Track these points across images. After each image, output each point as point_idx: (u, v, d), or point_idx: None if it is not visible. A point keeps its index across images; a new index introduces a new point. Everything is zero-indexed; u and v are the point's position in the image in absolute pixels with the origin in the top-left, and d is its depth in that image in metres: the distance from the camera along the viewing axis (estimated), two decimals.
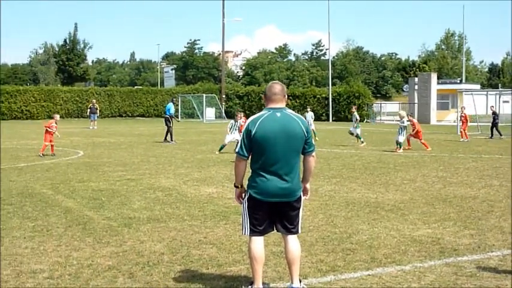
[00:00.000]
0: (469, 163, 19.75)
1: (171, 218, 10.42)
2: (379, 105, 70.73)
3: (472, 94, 45.66)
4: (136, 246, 8.39)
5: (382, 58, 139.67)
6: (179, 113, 67.36)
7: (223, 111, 67.29)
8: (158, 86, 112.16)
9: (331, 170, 17.73)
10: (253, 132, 6.15)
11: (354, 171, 17.48)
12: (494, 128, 34.36)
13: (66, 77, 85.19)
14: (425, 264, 7.50)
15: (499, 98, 47.13)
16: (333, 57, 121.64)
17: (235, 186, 6.51)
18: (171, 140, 29.21)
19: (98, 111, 49.86)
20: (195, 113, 67.43)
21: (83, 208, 11.39)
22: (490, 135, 34.15)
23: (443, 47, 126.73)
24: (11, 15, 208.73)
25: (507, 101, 57.03)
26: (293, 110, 6.46)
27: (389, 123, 57.35)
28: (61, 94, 65.20)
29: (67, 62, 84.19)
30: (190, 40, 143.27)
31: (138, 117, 67.47)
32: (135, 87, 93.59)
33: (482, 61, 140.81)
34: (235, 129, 22.99)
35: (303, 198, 6.46)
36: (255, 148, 6.22)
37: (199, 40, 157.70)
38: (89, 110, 48.29)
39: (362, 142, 27.44)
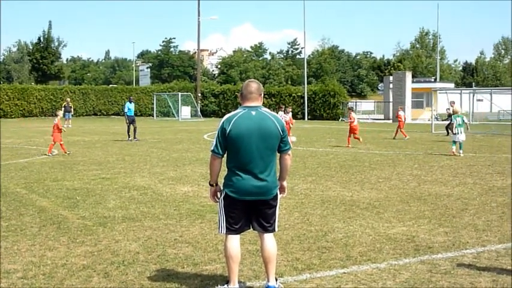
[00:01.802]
0: (443, 161, 19.91)
1: (146, 217, 10.38)
2: (355, 103, 71.02)
3: (446, 93, 46.06)
4: (112, 246, 8.34)
5: (358, 57, 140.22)
6: (154, 111, 67.21)
7: (198, 109, 67.16)
8: (133, 84, 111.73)
9: (306, 168, 17.76)
10: (228, 130, 6.14)
11: (330, 169, 17.53)
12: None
13: (40, 75, 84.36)
14: (400, 262, 7.54)
15: (473, 96, 47.61)
16: (309, 56, 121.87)
17: (210, 184, 6.49)
18: (135, 138, 29.20)
19: (72, 109, 49.52)
20: (170, 111, 67.19)
21: (57, 207, 11.30)
22: (446, 134, 34.11)
23: (417, 45, 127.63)
24: None
25: (481, 100, 57.66)
26: (269, 108, 6.46)
27: (364, 121, 57.59)
28: (35, 92, 64.60)
29: (41, 60, 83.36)
30: (166, 38, 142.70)
31: (113, 116, 67.06)
32: (110, 85, 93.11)
33: (457, 60, 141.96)
34: None
35: (279, 196, 6.45)
36: (230, 146, 6.20)
37: (174, 38, 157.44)
38: (63, 108, 47.91)
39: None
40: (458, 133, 22.25)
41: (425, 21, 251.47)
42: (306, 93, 64.16)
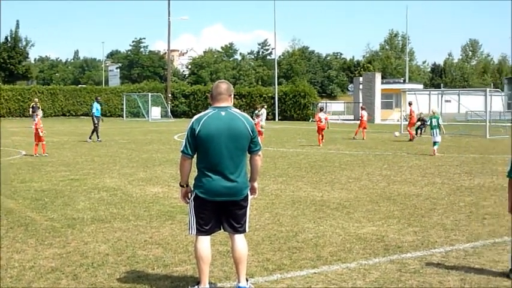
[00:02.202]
0: (412, 161, 20.09)
1: (116, 219, 10.30)
2: (325, 104, 71.25)
3: (415, 94, 46.45)
4: (81, 248, 8.26)
5: (328, 58, 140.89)
6: (124, 112, 66.80)
7: (169, 110, 66.95)
8: (103, 84, 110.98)
9: (277, 169, 17.79)
10: (197, 130, 6.12)
11: (300, 170, 17.58)
12: (419, 130, 34.55)
13: (7, 75, 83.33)
14: (370, 262, 7.58)
15: (441, 97, 48.09)
16: (279, 56, 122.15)
17: (180, 185, 6.45)
18: (90, 138, 29.06)
19: (40, 110, 48.87)
20: (140, 112, 66.88)
21: (25, 209, 11.17)
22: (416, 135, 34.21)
23: (387, 47, 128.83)
24: None
25: (449, 101, 58.28)
26: (239, 109, 6.45)
27: (335, 122, 57.86)
28: (2, 93, 63.85)
29: (8, 60, 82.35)
30: (136, 38, 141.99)
31: (82, 117, 66.50)
32: (79, 85, 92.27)
33: (425, 61, 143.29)
34: None
35: (250, 197, 6.44)
36: (199, 147, 6.18)
37: (144, 39, 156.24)
38: (31, 109, 47.32)
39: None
40: (434, 135, 22.74)
41: (395, 23, 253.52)
42: (276, 94, 64.32)
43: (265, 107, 32.35)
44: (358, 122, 33.97)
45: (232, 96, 6.42)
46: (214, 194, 6.15)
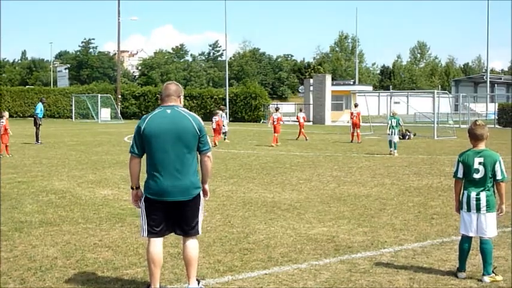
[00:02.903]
0: (362, 162, 20.30)
1: (64, 221, 10.15)
2: (276, 105, 71.54)
3: (364, 95, 46.97)
4: (28, 251, 8.12)
5: (278, 59, 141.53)
6: (73, 113, 65.94)
7: (118, 111, 66.31)
8: (51, 85, 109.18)
9: (228, 170, 17.77)
10: (142, 128, 6.13)
11: (251, 171, 17.60)
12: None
13: None
14: (321, 262, 7.63)
15: (390, 99, 48.69)
16: (230, 58, 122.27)
17: (131, 188, 6.39)
18: (37, 141, 28.57)
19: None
20: (89, 113, 66.09)
21: None
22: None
23: (337, 49, 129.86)
24: None
25: (398, 102, 59.11)
26: (190, 110, 6.44)
27: (286, 123, 58.10)
28: None
29: None
30: (85, 39, 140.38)
31: (30, 118, 65.29)
32: (27, 86, 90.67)
33: (375, 63, 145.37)
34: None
35: (202, 198, 6.39)
36: (146, 146, 6.16)
37: (94, 39, 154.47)
38: None
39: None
40: (392, 134, 23.16)
41: (345, 25, 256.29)
42: (227, 96, 64.23)
43: (223, 109, 32.21)
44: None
45: (182, 97, 6.40)
46: (162, 193, 6.09)
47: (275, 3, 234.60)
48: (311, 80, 65.06)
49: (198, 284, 6.44)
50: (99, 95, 64.93)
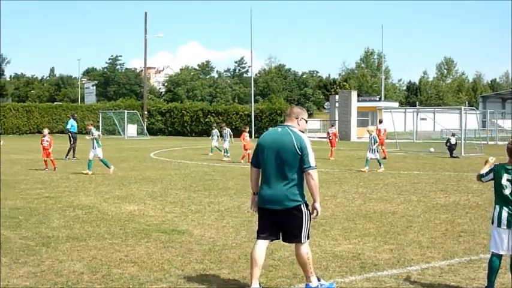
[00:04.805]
0: (388, 179, 20.17)
1: (91, 237, 10.21)
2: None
3: (390, 111, 46.76)
4: (55, 266, 8.17)
5: (304, 76, 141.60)
6: (100, 129, 66.45)
7: (145, 127, 66.69)
8: (79, 102, 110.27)
9: None
10: (258, 142, 7.05)
11: None
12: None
13: None
14: (346, 280, 7.58)
15: (417, 115, 48.44)
16: (256, 74, 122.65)
17: (253, 193, 7.20)
18: (73, 157, 28.84)
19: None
20: (116, 129, 66.56)
21: None
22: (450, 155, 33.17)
23: (363, 65, 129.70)
24: None
25: (424, 119, 58.74)
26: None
27: (311, 140, 57.99)
28: None
29: None
30: (112, 56, 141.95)
31: (58, 134, 65.99)
32: (55, 103, 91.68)
33: (401, 79, 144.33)
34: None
35: (305, 211, 6.85)
36: (259, 158, 6.96)
37: (121, 56, 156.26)
38: None
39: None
40: (372, 152, 23.25)
41: (371, 41, 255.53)
42: (253, 112, 64.37)
43: (224, 127, 32.38)
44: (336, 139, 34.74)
45: (300, 119, 7.04)
46: (263, 201, 6.88)
47: (300, 20, 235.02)
48: (337, 96, 64.92)
49: (319, 280, 7.00)
50: (126, 111, 65.37)
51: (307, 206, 6.89)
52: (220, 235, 10.38)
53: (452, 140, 32.91)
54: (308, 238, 6.95)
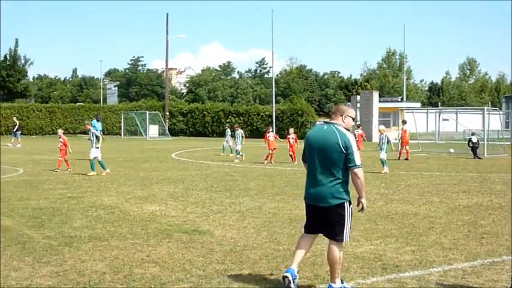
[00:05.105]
0: (410, 180, 20.07)
1: (113, 237, 10.27)
2: (322, 122, 71.27)
3: (412, 112, 46.47)
4: (77, 266, 8.23)
5: (325, 76, 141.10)
6: (122, 130, 66.83)
7: (166, 128, 66.95)
8: (101, 102, 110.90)
9: (274, 187, 17.77)
10: (305, 139, 7.29)
11: (298, 188, 17.54)
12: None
13: (6, 94, 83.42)
14: (368, 281, 7.56)
15: (439, 116, 48.12)
16: (277, 75, 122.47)
17: None
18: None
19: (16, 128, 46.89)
20: (138, 130, 66.93)
21: (22, 227, 11.13)
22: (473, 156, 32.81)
23: (384, 65, 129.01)
24: None
25: (446, 119, 58.35)
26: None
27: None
28: (1, 111, 63.85)
29: (7, 78, 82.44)
30: (134, 57, 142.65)
31: (80, 135, 66.48)
32: (77, 103, 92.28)
33: (423, 80, 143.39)
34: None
35: (347, 209, 7.05)
36: (306, 154, 7.18)
37: (142, 57, 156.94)
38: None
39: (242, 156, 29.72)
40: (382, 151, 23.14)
41: (392, 41, 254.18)
42: (274, 112, 64.34)
43: (237, 127, 32.20)
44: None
45: (345, 116, 7.12)
46: (307, 197, 7.18)
47: (321, 20, 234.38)
48: (358, 97, 64.73)
49: (342, 283, 7.06)
50: (148, 112, 65.69)
51: (350, 204, 7.02)
52: (242, 236, 10.39)
53: (474, 139, 32.68)
54: (348, 238, 7.11)
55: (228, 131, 33.72)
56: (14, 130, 45.84)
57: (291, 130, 30.47)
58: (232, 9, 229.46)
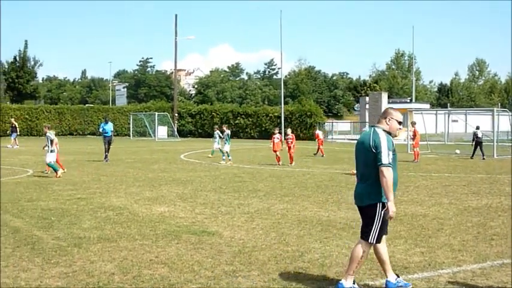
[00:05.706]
0: (419, 181, 20.01)
1: (122, 238, 10.29)
2: (331, 124, 71.34)
3: (421, 113, 46.39)
4: (87, 267, 8.25)
5: (334, 77, 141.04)
6: (130, 131, 66.97)
7: (175, 129, 67.07)
8: (110, 104, 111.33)
9: (283, 188, 17.76)
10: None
11: (306, 189, 17.54)
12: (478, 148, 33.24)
13: (15, 95, 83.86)
14: (377, 282, 7.54)
15: (448, 117, 47.97)
16: (285, 76, 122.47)
17: None
18: (105, 159, 28.51)
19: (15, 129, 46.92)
20: (147, 131, 67.09)
21: (31, 228, 11.17)
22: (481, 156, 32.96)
23: (393, 67, 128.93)
24: None
25: (455, 120, 58.18)
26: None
27: (341, 141, 57.85)
28: (10, 112, 64.13)
29: (17, 79, 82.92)
30: (143, 58, 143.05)
31: (89, 136, 66.75)
32: (86, 105, 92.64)
33: (432, 81, 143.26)
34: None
35: (379, 210, 7.03)
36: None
37: (151, 58, 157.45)
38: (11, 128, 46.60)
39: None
40: None
41: (401, 43, 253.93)
42: (282, 114, 64.30)
43: (224, 128, 31.94)
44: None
45: (389, 119, 7.46)
46: (354, 197, 7.35)
47: (330, 21, 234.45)
48: (367, 98, 64.68)
49: (354, 283, 7.08)
50: (156, 113, 65.85)
51: (383, 206, 6.96)
52: (250, 237, 10.39)
53: (479, 133, 32.60)
54: (377, 241, 7.11)
55: (218, 133, 33.36)
56: (11, 131, 45.97)
57: (289, 131, 30.51)
58: (242, 10, 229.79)
